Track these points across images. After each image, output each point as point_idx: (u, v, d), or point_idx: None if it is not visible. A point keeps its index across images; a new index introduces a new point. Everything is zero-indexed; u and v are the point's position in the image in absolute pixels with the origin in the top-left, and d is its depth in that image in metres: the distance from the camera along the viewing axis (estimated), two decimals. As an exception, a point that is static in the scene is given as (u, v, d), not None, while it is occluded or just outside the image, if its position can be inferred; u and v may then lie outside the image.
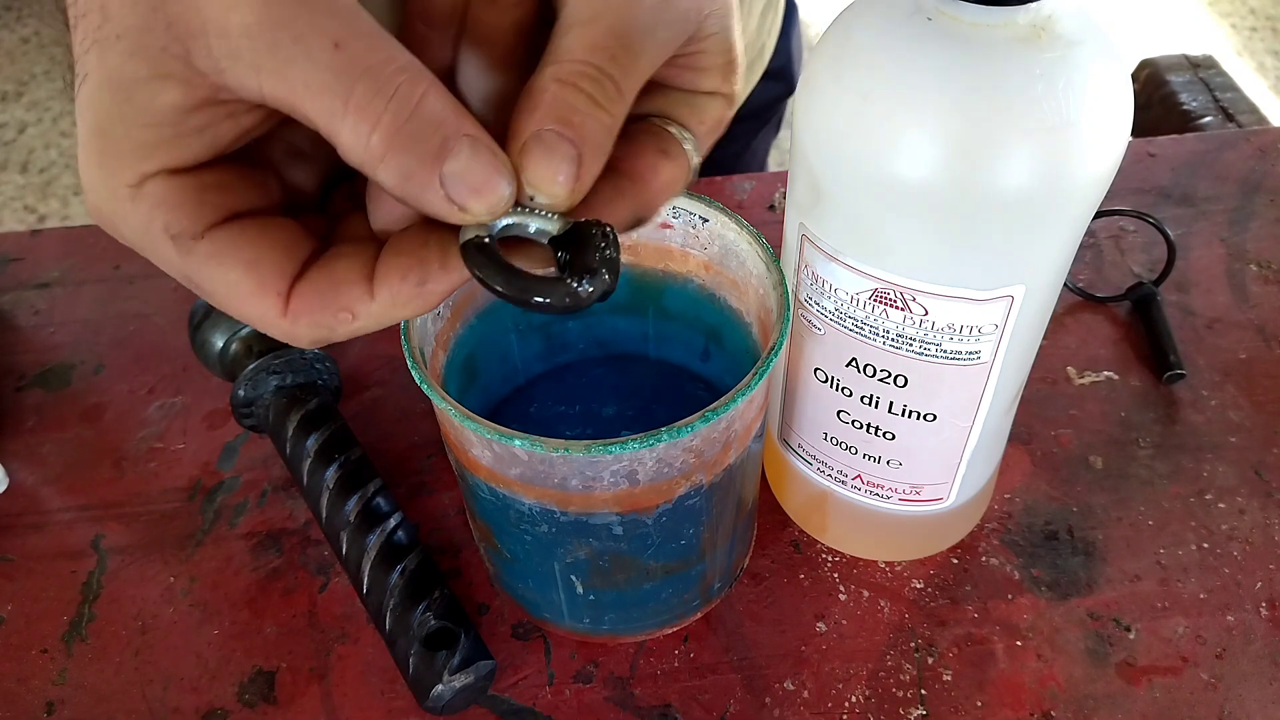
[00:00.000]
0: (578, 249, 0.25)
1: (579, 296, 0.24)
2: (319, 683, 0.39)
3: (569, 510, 0.31)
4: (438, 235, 0.25)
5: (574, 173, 0.24)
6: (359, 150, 0.22)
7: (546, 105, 0.24)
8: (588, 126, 0.24)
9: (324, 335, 0.25)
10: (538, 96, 0.24)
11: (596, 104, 0.24)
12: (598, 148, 0.25)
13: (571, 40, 0.25)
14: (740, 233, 0.34)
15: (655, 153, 0.27)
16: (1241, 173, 0.57)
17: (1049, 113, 0.26)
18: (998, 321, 0.31)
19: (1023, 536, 0.42)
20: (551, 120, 0.24)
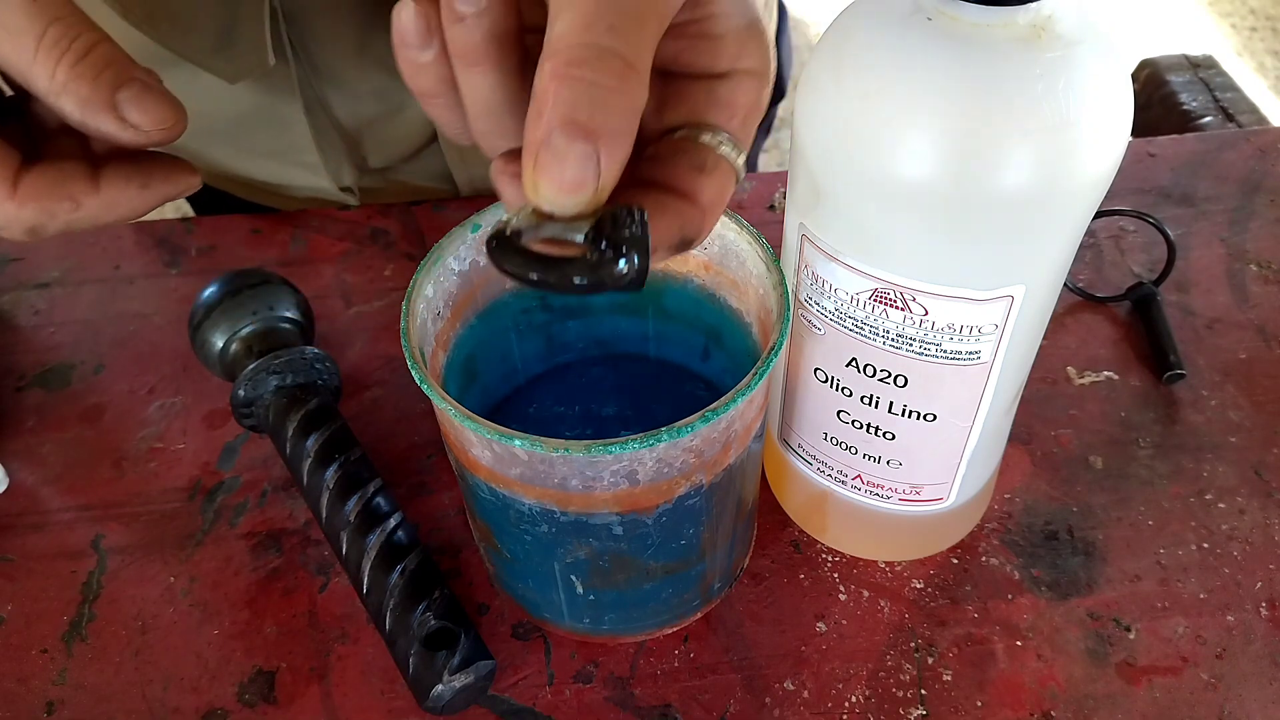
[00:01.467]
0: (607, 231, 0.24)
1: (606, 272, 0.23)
2: (319, 683, 0.39)
3: (569, 510, 0.31)
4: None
5: (594, 171, 0.23)
6: (45, 81, 0.27)
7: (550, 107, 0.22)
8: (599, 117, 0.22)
9: (45, 221, 0.29)
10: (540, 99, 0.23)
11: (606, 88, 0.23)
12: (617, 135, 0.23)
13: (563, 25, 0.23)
14: (740, 233, 0.34)
15: (691, 171, 0.26)
16: (1241, 173, 0.57)
17: (1049, 113, 0.26)
18: (998, 321, 0.31)
19: (1023, 536, 0.42)
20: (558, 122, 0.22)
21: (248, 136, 0.57)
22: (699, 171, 0.26)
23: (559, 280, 0.23)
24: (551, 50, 0.23)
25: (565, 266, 0.23)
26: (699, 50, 0.26)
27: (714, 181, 0.26)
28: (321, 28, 0.50)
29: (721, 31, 0.26)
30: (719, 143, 0.26)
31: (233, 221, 0.57)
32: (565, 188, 0.23)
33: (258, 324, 0.45)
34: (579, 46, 0.23)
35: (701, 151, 0.26)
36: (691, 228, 0.26)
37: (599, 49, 0.23)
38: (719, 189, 0.26)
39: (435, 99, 0.26)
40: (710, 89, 0.26)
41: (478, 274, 0.36)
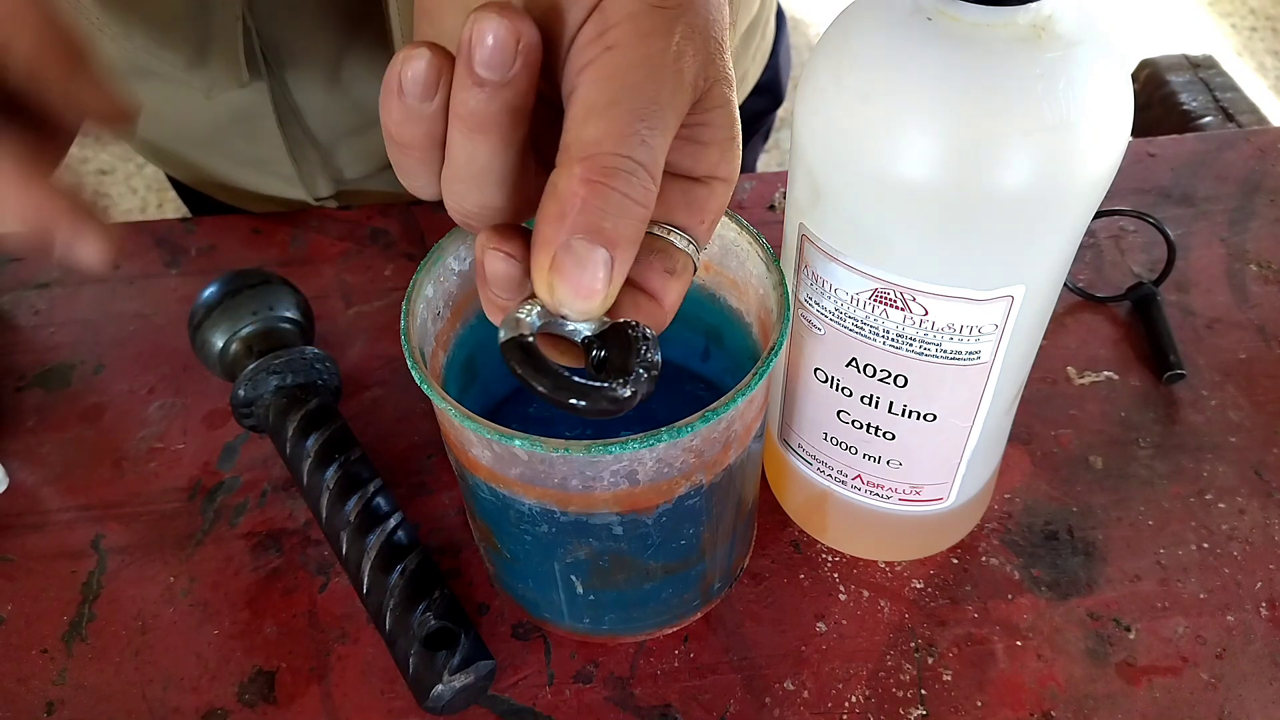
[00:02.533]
0: (616, 350, 0.25)
1: (620, 401, 0.24)
2: (319, 683, 0.39)
3: (569, 510, 0.31)
4: None
5: (607, 278, 0.24)
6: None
7: (578, 212, 0.23)
8: (622, 226, 0.23)
9: None
10: (566, 201, 0.23)
11: (633, 200, 0.23)
12: (631, 244, 0.24)
13: (596, 130, 0.23)
14: (740, 232, 0.34)
15: (663, 274, 0.27)
16: (1241, 173, 0.57)
17: (1049, 113, 0.26)
18: (998, 321, 0.31)
19: (1023, 536, 0.42)
20: (582, 228, 0.23)
21: (225, 146, 0.57)
22: (670, 275, 0.27)
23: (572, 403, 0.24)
24: (584, 153, 0.23)
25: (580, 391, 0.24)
26: (685, 152, 0.27)
27: (680, 284, 0.27)
28: (295, 45, 0.50)
29: (709, 140, 0.27)
30: (686, 244, 0.27)
31: (233, 221, 0.57)
32: (582, 293, 0.23)
33: (258, 324, 0.45)
34: (615, 157, 0.23)
35: (674, 255, 0.27)
36: (654, 324, 0.27)
37: (633, 163, 0.23)
38: (681, 291, 0.27)
39: (413, 151, 0.25)
40: (687, 191, 0.27)
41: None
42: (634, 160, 0.23)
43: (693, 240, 0.27)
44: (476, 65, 0.23)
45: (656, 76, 0.24)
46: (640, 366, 0.24)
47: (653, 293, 0.27)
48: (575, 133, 0.24)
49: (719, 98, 0.26)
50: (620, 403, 0.24)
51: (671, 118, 0.24)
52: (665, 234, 0.27)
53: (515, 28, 0.22)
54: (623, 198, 0.23)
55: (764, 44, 0.67)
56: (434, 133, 0.25)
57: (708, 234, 0.28)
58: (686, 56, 0.25)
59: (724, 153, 0.27)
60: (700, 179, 0.27)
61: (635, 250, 0.24)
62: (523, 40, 0.23)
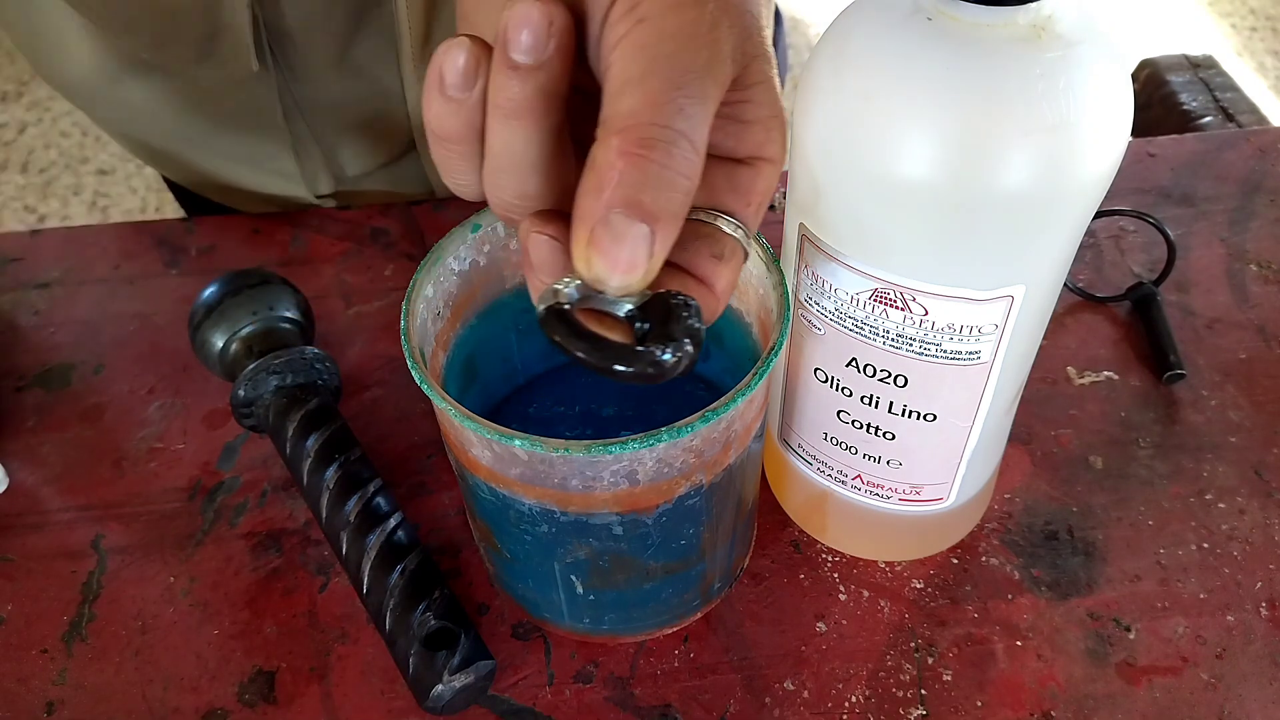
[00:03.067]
0: (660, 318, 0.24)
1: (663, 365, 0.24)
2: (319, 683, 0.39)
3: (569, 510, 0.31)
4: None
5: (647, 253, 0.23)
6: None
7: (615, 185, 0.22)
8: (662, 200, 0.23)
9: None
10: (603, 174, 0.23)
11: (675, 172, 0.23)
12: (675, 219, 0.23)
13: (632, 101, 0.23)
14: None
15: (712, 260, 0.26)
16: (1241, 173, 0.57)
17: (1049, 112, 0.26)
18: (998, 321, 0.31)
19: (1023, 536, 0.42)
20: (620, 202, 0.22)
21: (225, 144, 0.57)
22: (718, 260, 0.26)
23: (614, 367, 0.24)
24: (619, 126, 0.23)
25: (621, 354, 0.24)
26: (727, 132, 0.26)
27: (730, 269, 0.26)
28: (302, 35, 0.50)
29: (752, 118, 0.26)
30: (735, 228, 0.27)
31: (233, 221, 0.57)
32: (620, 268, 0.23)
33: (258, 324, 0.45)
34: (651, 126, 0.23)
35: (721, 240, 0.26)
36: (707, 312, 0.26)
37: (671, 132, 0.23)
38: (732, 277, 0.27)
39: (455, 145, 0.25)
40: (731, 174, 0.27)
41: (478, 274, 0.36)
42: (673, 130, 0.23)
43: (741, 225, 0.27)
44: (511, 50, 0.23)
45: (691, 45, 0.23)
46: (684, 334, 0.24)
47: (703, 278, 0.26)
48: (612, 107, 0.23)
49: (759, 74, 0.26)
50: (663, 367, 0.24)
51: (711, 87, 0.24)
52: (712, 219, 0.27)
53: (548, 11, 0.23)
54: (661, 168, 0.23)
55: (767, 31, 0.67)
56: (474, 123, 0.25)
57: (756, 217, 0.27)
58: (723, 28, 0.24)
59: (768, 131, 0.26)
60: (744, 160, 0.27)
61: (679, 225, 0.24)
62: (555, 23, 0.23)
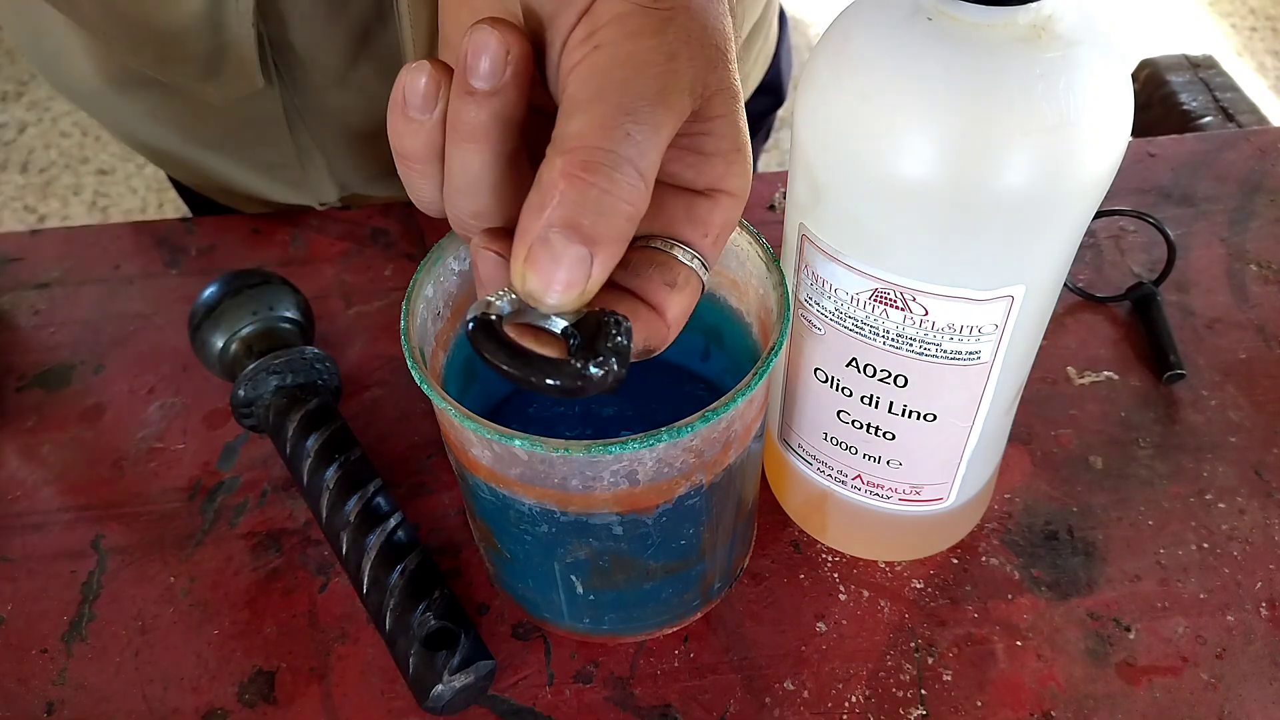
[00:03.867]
0: (589, 335, 0.24)
1: (588, 379, 0.24)
2: (319, 683, 0.39)
3: (569, 510, 0.31)
4: None
5: (584, 275, 0.23)
6: None
7: (555, 206, 0.23)
8: (602, 224, 0.23)
9: None
10: (545, 193, 0.23)
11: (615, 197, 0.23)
12: (615, 243, 0.23)
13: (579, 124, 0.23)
14: (740, 232, 0.34)
15: (664, 287, 0.26)
16: (1241, 173, 0.57)
17: (1049, 113, 0.26)
18: (998, 321, 0.31)
19: (1023, 536, 0.42)
20: (559, 222, 0.23)
21: (232, 151, 0.57)
22: (670, 288, 0.26)
23: (537, 380, 0.24)
24: (565, 146, 0.23)
25: (545, 367, 0.24)
26: (686, 163, 0.26)
27: (682, 297, 0.27)
28: (306, 52, 0.50)
29: (712, 150, 0.26)
30: (690, 258, 0.27)
31: (233, 221, 0.57)
32: (556, 287, 0.23)
33: (258, 324, 0.45)
34: (596, 150, 0.23)
35: (675, 268, 0.26)
36: (656, 339, 0.26)
37: (615, 157, 0.23)
38: (686, 306, 0.27)
39: (417, 164, 0.26)
40: (690, 205, 0.27)
41: (478, 274, 0.36)
42: (617, 155, 0.23)
43: (698, 255, 0.27)
44: (469, 76, 0.23)
45: (645, 73, 0.23)
46: (610, 351, 0.24)
47: (655, 305, 0.26)
48: (560, 128, 0.23)
49: (722, 107, 0.26)
50: (588, 381, 0.24)
51: (664, 116, 0.24)
52: (668, 248, 0.27)
53: (505, 39, 0.23)
54: (602, 193, 0.23)
55: (767, 46, 0.67)
56: (435, 143, 0.25)
57: (714, 249, 0.28)
58: (681, 59, 0.24)
59: (729, 165, 0.27)
60: (704, 192, 0.27)
61: (619, 250, 0.24)
62: (512, 51, 0.23)
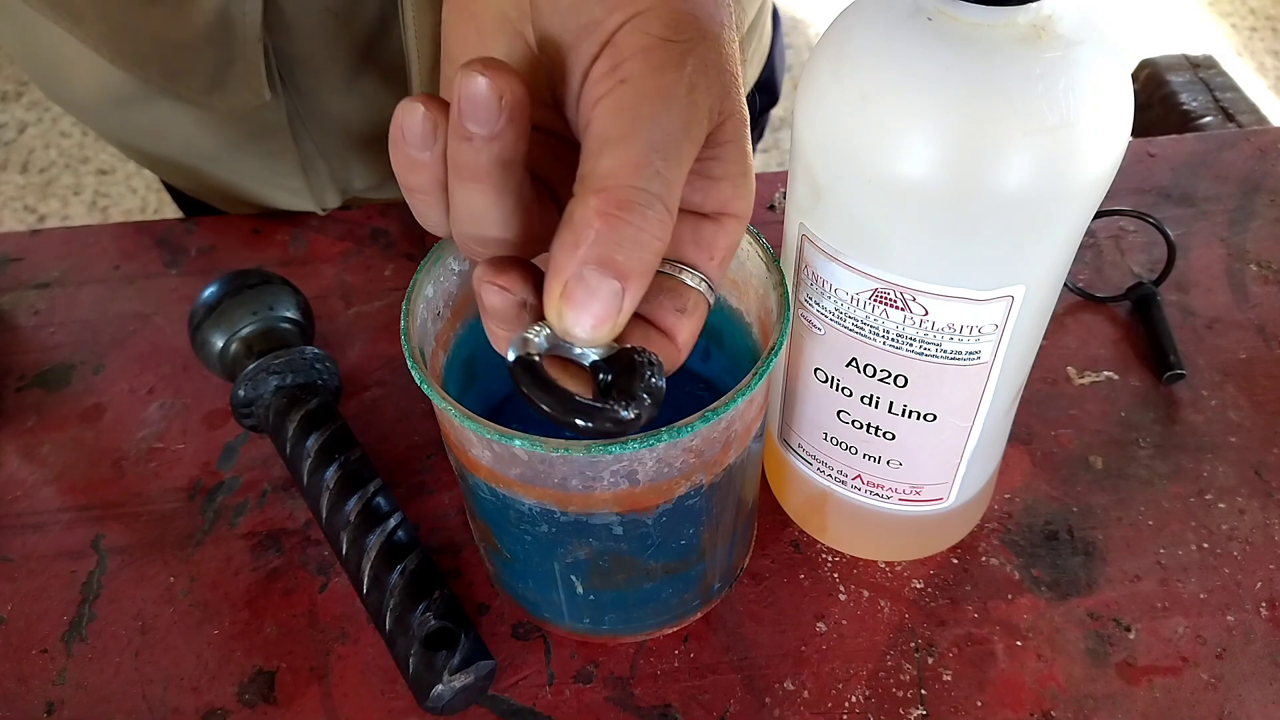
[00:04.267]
0: (622, 374, 0.25)
1: (623, 422, 0.25)
2: (319, 683, 0.39)
3: (569, 510, 0.31)
4: None
5: (616, 309, 0.24)
6: None
7: (591, 244, 0.23)
8: (634, 260, 0.24)
9: None
10: (580, 231, 0.23)
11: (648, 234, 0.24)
12: (645, 276, 0.24)
13: (612, 162, 0.24)
14: (740, 233, 0.34)
15: (674, 312, 0.27)
16: (1241, 173, 0.57)
17: (1049, 112, 0.26)
18: (998, 321, 0.31)
19: (1023, 536, 0.42)
20: (594, 259, 0.23)
21: (234, 160, 0.57)
22: (681, 313, 0.27)
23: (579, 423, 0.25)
24: (598, 185, 0.23)
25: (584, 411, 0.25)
26: (695, 188, 0.27)
27: (692, 322, 0.27)
28: (311, 63, 0.50)
29: (720, 174, 0.27)
30: (698, 282, 0.27)
31: (233, 221, 0.57)
32: (590, 321, 0.24)
33: (258, 324, 0.45)
34: (630, 190, 0.23)
35: (685, 293, 0.27)
36: (668, 364, 0.27)
37: (648, 195, 0.23)
38: (694, 329, 0.27)
39: (419, 195, 0.26)
40: (696, 228, 0.27)
41: (478, 274, 0.36)
42: (649, 193, 0.23)
43: (704, 278, 0.28)
44: (465, 120, 0.23)
45: (671, 109, 0.24)
46: (644, 391, 0.25)
47: (666, 330, 0.27)
48: (591, 165, 0.24)
49: (731, 132, 0.26)
50: (624, 424, 0.25)
51: (688, 149, 0.24)
52: (676, 272, 0.27)
53: (498, 85, 0.23)
54: (637, 231, 0.23)
55: (761, 45, 0.67)
56: (437, 177, 0.25)
57: (719, 270, 0.28)
58: (700, 90, 0.25)
59: (736, 188, 0.27)
60: (710, 215, 0.27)
61: (647, 282, 0.24)
62: (507, 96, 0.23)
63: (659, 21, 0.25)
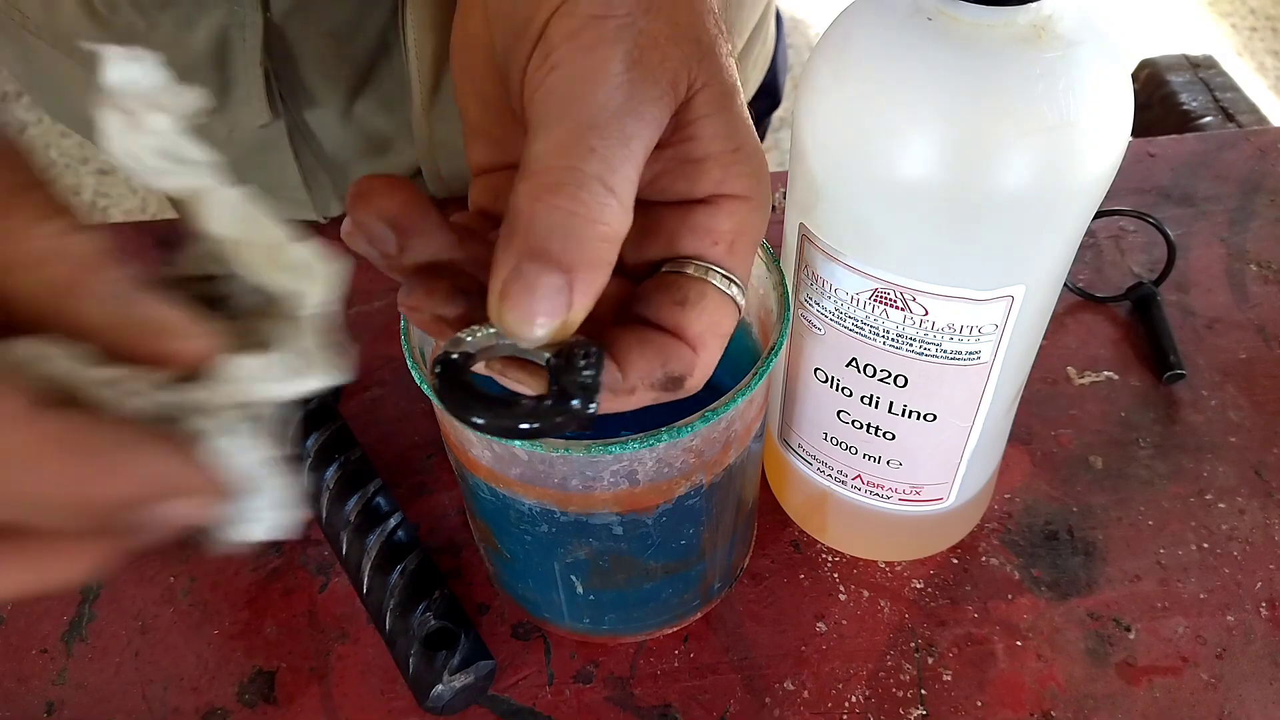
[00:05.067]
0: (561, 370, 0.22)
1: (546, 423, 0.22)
2: (319, 683, 0.39)
3: (569, 510, 0.31)
4: None
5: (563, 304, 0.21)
6: None
7: (522, 236, 0.21)
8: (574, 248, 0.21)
9: None
10: (512, 222, 0.21)
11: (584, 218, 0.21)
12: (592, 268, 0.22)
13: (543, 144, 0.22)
14: (740, 233, 0.34)
15: (672, 306, 0.24)
16: (1241, 173, 0.57)
17: (1049, 112, 0.26)
18: (998, 321, 0.31)
19: (1023, 536, 0.42)
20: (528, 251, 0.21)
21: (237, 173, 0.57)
22: (680, 305, 0.24)
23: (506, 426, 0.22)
24: (529, 170, 0.22)
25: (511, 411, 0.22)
26: (678, 175, 0.25)
27: (700, 315, 0.24)
28: (313, 87, 0.50)
29: (702, 154, 0.24)
30: (705, 273, 0.25)
31: (233, 221, 0.56)
32: (533, 320, 0.22)
33: (258, 324, 0.45)
34: (558, 169, 0.21)
35: (683, 284, 0.24)
36: (678, 364, 0.24)
37: (580, 174, 0.21)
38: (708, 322, 0.24)
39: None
40: (686, 215, 0.25)
41: (478, 274, 0.36)
42: (581, 172, 0.21)
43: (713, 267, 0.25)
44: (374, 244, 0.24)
45: (604, 85, 0.22)
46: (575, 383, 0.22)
47: (670, 328, 0.24)
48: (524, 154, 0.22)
49: (707, 105, 0.24)
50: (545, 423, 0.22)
51: (635, 126, 0.22)
52: (678, 268, 0.25)
53: (353, 232, 0.24)
54: (568, 214, 0.21)
55: (765, 48, 0.67)
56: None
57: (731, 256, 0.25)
58: (649, 63, 0.23)
59: (726, 167, 0.24)
60: (704, 200, 0.25)
61: (599, 273, 0.22)
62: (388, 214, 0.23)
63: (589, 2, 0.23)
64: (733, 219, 0.25)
